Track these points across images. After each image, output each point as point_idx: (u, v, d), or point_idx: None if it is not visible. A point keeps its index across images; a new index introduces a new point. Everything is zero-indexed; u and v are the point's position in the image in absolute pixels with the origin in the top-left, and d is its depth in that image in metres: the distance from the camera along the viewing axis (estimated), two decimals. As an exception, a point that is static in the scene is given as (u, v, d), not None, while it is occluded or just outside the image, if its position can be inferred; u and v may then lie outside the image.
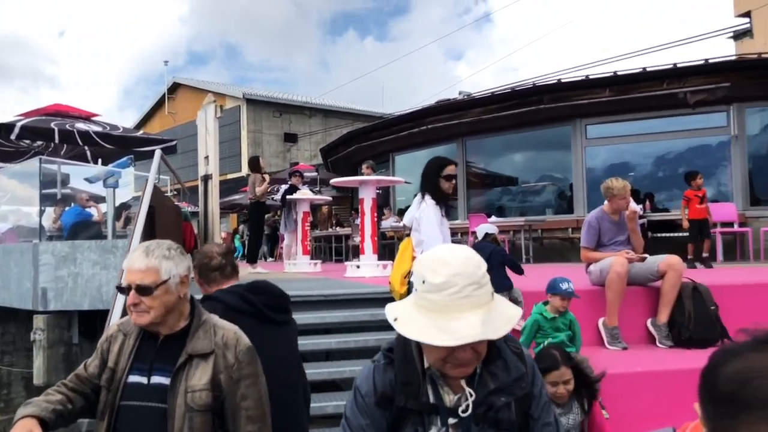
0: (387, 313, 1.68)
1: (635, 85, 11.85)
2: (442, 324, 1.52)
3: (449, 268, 1.56)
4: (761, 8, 22.20)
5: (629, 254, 5.38)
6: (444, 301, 1.54)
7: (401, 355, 1.72)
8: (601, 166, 12.93)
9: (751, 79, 11.39)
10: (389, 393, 1.69)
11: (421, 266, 1.63)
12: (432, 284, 1.56)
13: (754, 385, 0.84)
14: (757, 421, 0.82)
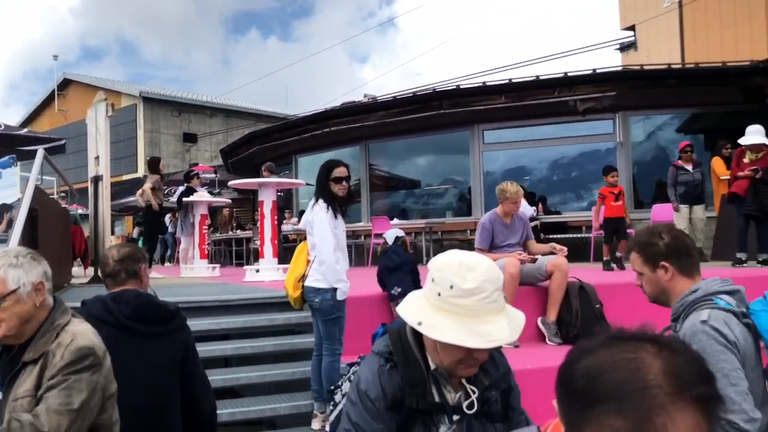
0: (405, 317, 1.70)
1: (529, 92, 12.33)
2: (475, 327, 1.59)
3: (478, 274, 1.63)
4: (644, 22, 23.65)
5: (521, 255, 5.59)
6: (474, 305, 1.60)
7: (403, 357, 1.75)
8: (498, 169, 13.36)
9: (634, 89, 12.11)
10: (399, 395, 1.72)
11: (447, 272, 1.65)
12: (462, 289, 1.61)
13: (602, 379, 0.87)
14: (605, 414, 0.85)
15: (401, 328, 1.84)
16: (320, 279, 4.37)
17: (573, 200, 13.34)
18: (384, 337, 1.86)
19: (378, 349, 1.82)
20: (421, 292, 1.77)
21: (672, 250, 2.45)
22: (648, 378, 0.85)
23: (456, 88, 13.08)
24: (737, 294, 2.40)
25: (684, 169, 9.57)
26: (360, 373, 1.80)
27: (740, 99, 11.93)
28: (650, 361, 0.87)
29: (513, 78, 12.81)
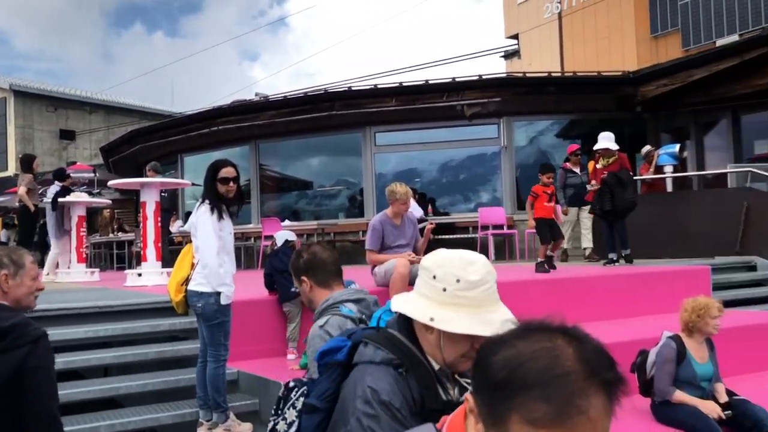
0: (415, 315, 1.72)
1: (419, 96, 12.55)
2: (484, 317, 1.64)
3: (480, 266, 1.70)
4: (527, 32, 24.70)
5: (411, 256, 5.66)
6: (480, 296, 1.67)
7: (411, 360, 1.75)
8: (390, 171, 13.50)
9: (517, 95, 12.61)
10: (419, 400, 1.73)
11: (451, 267, 1.70)
12: (469, 282, 1.67)
13: (525, 368, 0.92)
14: (530, 401, 0.89)
15: (387, 333, 1.81)
16: (203, 283, 4.23)
17: (461, 202, 13.70)
18: (371, 347, 1.79)
19: (381, 359, 1.76)
20: (415, 292, 1.77)
21: (308, 266, 2.82)
22: (567, 365, 0.91)
23: (348, 89, 13.11)
24: (363, 302, 2.72)
25: (572, 172, 9.98)
26: (373, 386, 1.71)
27: (613, 107, 12.71)
28: (565, 349, 0.93)
29: (404, 81, 13.00)
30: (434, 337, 1.73)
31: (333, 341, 1.97)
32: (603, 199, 8.32)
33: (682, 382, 4.58)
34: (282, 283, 5.36)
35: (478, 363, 1.00)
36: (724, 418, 4.40)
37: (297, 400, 1.97)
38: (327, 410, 1.84)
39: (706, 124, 13.04)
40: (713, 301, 4.71)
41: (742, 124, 12.46)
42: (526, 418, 0.89)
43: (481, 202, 13.18)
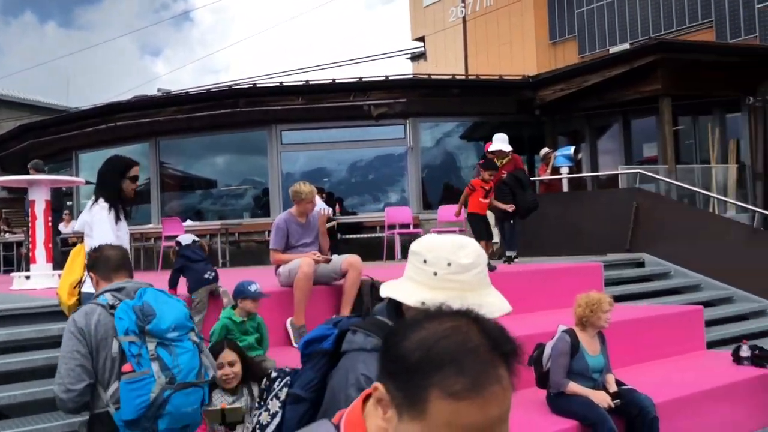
0: (406, 300, 1.69)
1: (326, 95, 12.52)
2: (476, 300, 1.61)
3: (471, 251, 1.70)
4: (433, 34, 25.14)
5: (316, 255, 5.63)
6: (472, 279, 1.67)
7: None
8: (298, 170, 13.38)
9: (423, 97, 12.80)
10: None
11: (442, 251, 1.69)
12: (461, 265, 1.66)
13: (439, 346, 0.97)
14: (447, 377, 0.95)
15: (376, 320, 1.79)
16: (99, 284, 4.04)
17: (370, 202, 13.77)
18: (360, 334, 1.76)
19: (372, 346, 1.73)
20: (404, 277, 1.76)
21: (93, 262, 3.17)
22: (475, 340, 0.98)
23: (253, 86, 12.90)
24: (122, 290, 2.98)
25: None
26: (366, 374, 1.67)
27: (514, 110, 13.14)
28: (471, 327, 1.00)
29: (310, 80, 12.92)
30: None
31: (317, 330, 1.90)
32: (505, 200, 8.56)
33: (576, 374, 4.78)
34: (193, 270, 5.27)
35: (387, 350, 1.03)
36: (613, 406, 4.63)
37: (280, 391, 1.93)
38: (312, 400, 1.80)
39: (599, 128, 13.71)
40: (605, 296, 4.94)
41: (632, 127, 13.19)
42: (446, 392, 0.95)
43: (389, 202, 13.30)
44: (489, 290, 1.72)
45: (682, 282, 9.19)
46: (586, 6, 21.22)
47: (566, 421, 4.70)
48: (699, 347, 7.18)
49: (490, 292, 1.72)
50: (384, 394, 1.03)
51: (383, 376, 1.04)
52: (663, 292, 8.99)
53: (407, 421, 0.99)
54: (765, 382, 6.23)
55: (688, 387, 5.64)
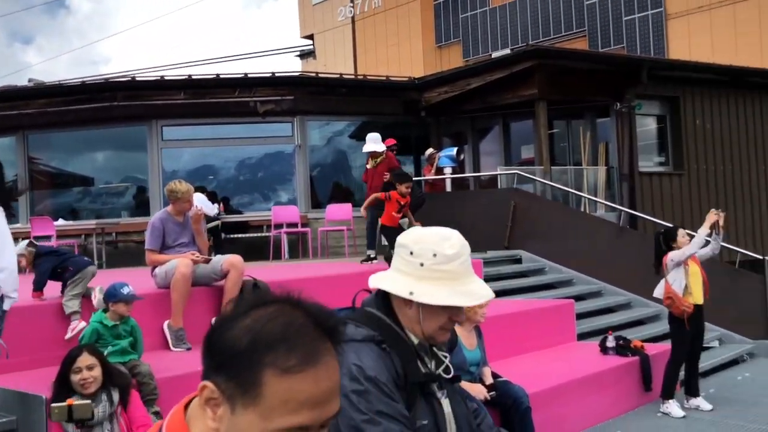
0: (394, 290, 1.76)
1: (209, 90, 12.18)
2: (462, 288, 1.71)
3: (455, 241, 1.76)
4: (322, 33, 25.09)
5: (195, 255, 5.46)
6: (456, 269, 1.72)
7: (391, 336, 1.77)
8: (182, 168, 12.94)
9: (310, 94, 12.74)
10: (403, 373, 1.74)
11: (427, 243, 1.76)
12: (446, 256, 1.72)
13: (268, 328, 1.00)
14: (279, 356, 0.99)
15: (366, 312, 1.83)
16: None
17: (258, 200, 13.52)
18: (351, 325, 1.78)
19: (362, 336, 1.77)
20: (392, 269, 1.82)
21: None
22: (300, 320, 1.02)
23: (132, 80, 12.35)
24: None
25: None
26: (357, 364, 1.71)
27: (401, 110, 13.34)
28: (294, 309, 1.04)
29: (194, 74, 12.53)
30: (413, 312, 1.77)
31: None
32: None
33: (454, 369, 4.91)
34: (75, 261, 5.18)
35: (212, 345, 1.04)
36: (489, 398, 4.80)
37: None
38: None
39: (481, 130, 14.19)
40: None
41: (511, 130, 13.74)
42: (280, 369, 0.98)
43: (279, 200, 13.13)
44: (473, 278, 1.79)
45: (556, 277, 9.69)
46: (470, 11, 21.95)
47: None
48: (570, 339, 7.59)
49: (473, 279, 1.79)
50: (213, 391, 1.01)
51: (210, 372, 1.03)
52: (538, 287, 9.43)
53: (241, 412, 0.99)
54: (628, 370, 6.68)
55: (560, 377, 5.95)
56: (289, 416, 0.98)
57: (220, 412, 1.01)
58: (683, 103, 12.58)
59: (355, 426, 1.66)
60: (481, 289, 1.79)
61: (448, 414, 1.82)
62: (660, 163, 12.93)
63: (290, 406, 0.98)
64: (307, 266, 8.95)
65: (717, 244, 6.58)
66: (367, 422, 1.65)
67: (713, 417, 6.23)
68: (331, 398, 1.02)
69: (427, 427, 1.75)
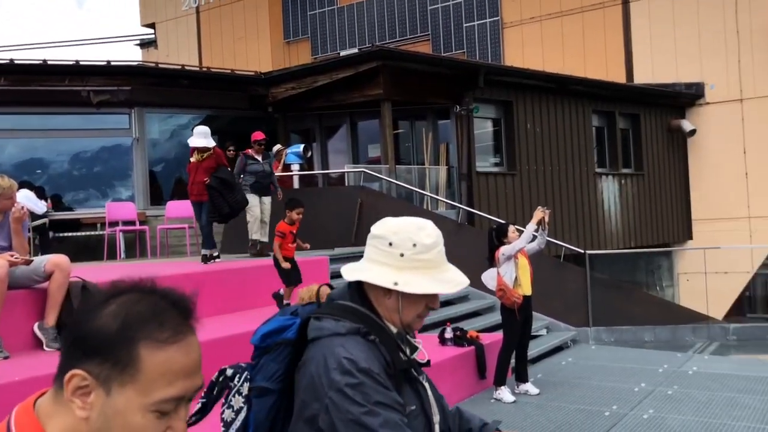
0: (379, 281, 1.74)
1: (35, 77, 11.25)
2: (441, 276, 1.75)
3: (431, 230, 1.79)
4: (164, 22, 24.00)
5: (13, 256, 5.00)
6: (434, 258, 1.76)
7: (374, 327, 1.75)
8: (6, 161, 11.81)
9: (150, 86, 12.14)
10: (391, 363, 1.72)
11: (406, 234, 1.77)
12: (424, 245, 1.75)
13: (134, 310, 1.06)
14: (152, 331, 1.05)
15: (343, 305, 1.79)
16: None
17: (96, 197, 12.67)
18: (329, 320, 1.74)
19: (347, 329, 1.72)
20: (367, 260, 1.79)
21: None
22: (161, 302, 1.09)
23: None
24: None
25: (254, 159, 9.73)
26: (348, 356, 1.65)
27: (247, 105, 13.09)
28: (151, 292, 1.10)
29: (17, 59, 11.50)
30: (392, 301, 1.78)
31: (274, 321, 1.88)
32: (218, 205, 8.38)
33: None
34: None
35: (78, 335, 1.06)
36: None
37: (242, 386, 1.84)
38: (280, 391, 1.78)
39: (329, 128, 14.27)
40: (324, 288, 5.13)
41: (358, 129, 13.95)
42: (156, 341, 1.04)
43: (118, 197, 12.38)
44: (448, 266, 1.82)
45: (400, 273, 9.96)
46: (318, 9, 21.98)
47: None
48: (412, 332, 7.83)
49: (449, 267, 1.82)
50: (84, 378, 1.03)
51: (76, 362, 1.04)
52: (383, 282, 9.65)
53: (119, 391, 1.03)
54: (464, 359, 7.02)
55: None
56: (167, 388, 1.04)
57: (91, 399, 1.03)
58: (516, 107, 13.43)
59: (354, 420, 1.60)
60: (459, 276, 1.82)
61: (431, 397, 1.84)
62: (495, 163, 13.71)
63: (167, 377, 1.04)
64: (144, 266, 8.52)
65: (543, 239, 7.07)
66: (367, 414, 1.61)
67: (540, 400, 6.71)
68: (198, 369, 1.10)
69: (416, 411, 1.76)
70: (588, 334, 10.21)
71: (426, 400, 1.80)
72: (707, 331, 10.48)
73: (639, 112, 16.15)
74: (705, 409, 6.21)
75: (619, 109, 15.74)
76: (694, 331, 10.48)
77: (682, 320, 10.92)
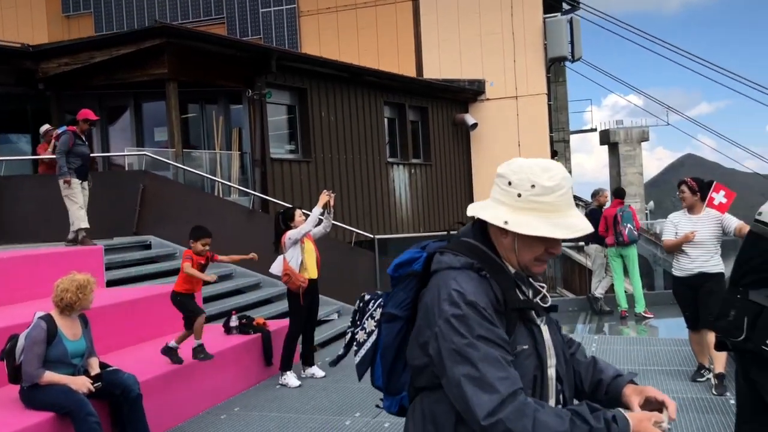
0: (490, 219, 1.79)
1: None
2: (560, 221, 1.74)
3: (555, 173, 1.76)
4: None
5: None
6: (554, 201, 1.74)
7: (489, 264, 1.79)
8: None
9: None
10: (502, 299, 1.75)
11: (526, 174, 1.76)
12: (544, 187, 1.74)
13: None
14: None
15: (463, 242, 1.85)
16: None
17: None
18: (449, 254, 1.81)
19: (461, 264, 1.78)
20: (490, 199, 1.84)
21: None
22: None
23: None
24: None
25: (81, 140, 8.42)
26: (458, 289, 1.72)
27: (13, 80, 11.74)
28: None
29: None
30: (509, 241, 1.80)
31: (406, 254, 1.97)
32: None
33: (53, 362, 4.46)
34: None
35: None
36: (93, 390, 4.46)
37: (375, 311, 1.98)
38: (406, 318, 1.87)
39: (112, 108, 13.24)
40: (91, 278, 4.72)
41: (143, 111, 13.11)
42: None
43: None
44: (572, 212, 1.78)
45: (187, 262, 9.53)
46: (101, -19, 20.36)
47: (41, 414, 4.34)
48: (197, 322, 7.51)
49: (573, 213, 1.78)
50: None
51: None
52: (169, 272, 9.17)
53: None
54: (250, 347, 6.87)
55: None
56: None
57: None
58: (310, 95, 13.44)
59: (456, 349, 1.67)
60: (581, 223, 1.78)
61: (547, 340, 1.84)
62: (291, 150, 13.64)
63: None
64: None
65: (329, 222, 7.11)
66: (468, 346, 1.66)
67: (325, 383, 6.75)
68: None
69: (527, 351, 1.77)
70: (377, 316, 10.52)
71: (540, 342, 1.80)
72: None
73: (427, 105, 16.99)
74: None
75: (409, 101, 16.43)
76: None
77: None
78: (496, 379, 1.62)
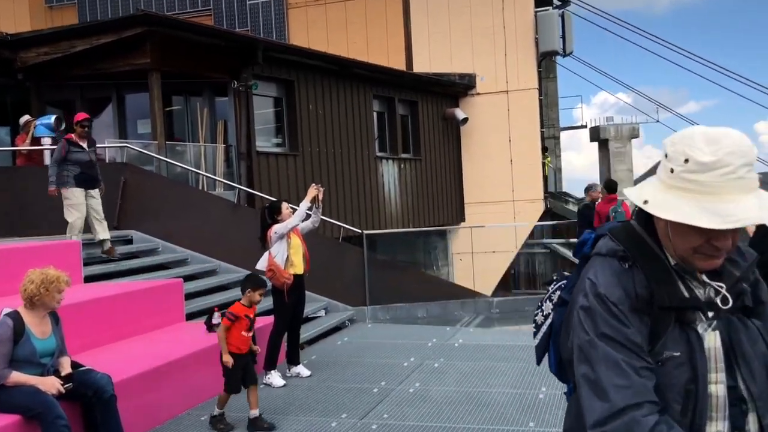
0: (631, 196, 1.56)
1: None
2: (711, 206, 1.40)
3: (720, 146, 1.43)
4: None
5: None
6: (713, 181, 1.42)
7: (642, 252, 1.55)
8: None
9: None
10: (645, 295, 1.51)
11: (682, 145, 1.47)
12: (699, 163, 1.43)
13: None
14: None
15: (627, 224, 1.64)
16: None
17: None
18: (605, 239, 1.62)
19: (607, 250, 1.59)
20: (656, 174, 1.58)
21: None
22: None
23: None
24: None
25: (78, 146, 8.23)
26: (592, 278, 1.55)
27: (-8, 71, 11.39)
28: None
29: None
30: (663, 225, 1.54)
31: (584, 235, 1.78)
32: None
33: (21, 362, 4.22)
34: None
35: None
36: (64, 391, 4.21)
37: (554, 293, 1.85)
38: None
39: (94, 99, 12.89)
40: (63, 275, 4.45)
41: (126, 102, 12.78)
42: None
43: None
44: (737, 196, 1.41)
45: (170, 257, 9.28)
46: (84, -29, 19.96)
47: (6, 417, 4.09)
48: (179, 319, 7.27)
49: (738, 198, 1.40)
50: None
51: None
52: (151, 267, 8.92)
53: None
54: (232, 345, 6.61)
55: (156, 360, 5.58)
56: None
57: None
58: (298, 87, 13.17)
59: (579, 345, 1.54)
60: (742, 211, 1.40)
61: (710, 349, 1.52)
62: (277, 144, 13.37)
63: None
64: None
65: (317, 217, 6.88)
66: (589, 343, 1.51)
67: (311, 382, 6.53)
68: None
69: (679, 359, 1.49)
70: (365, 313, 10.32)
71: (698, 350, 1.49)
72: (474, 306, 11.11)
73: (417, 99, 16.76)
74: (466, 379, 6.44)
75: (399, 95, 16.20)
76: (462, 306, 11.05)
77: (453, 297, 11.46)
78: (611, 385, 1.44)
